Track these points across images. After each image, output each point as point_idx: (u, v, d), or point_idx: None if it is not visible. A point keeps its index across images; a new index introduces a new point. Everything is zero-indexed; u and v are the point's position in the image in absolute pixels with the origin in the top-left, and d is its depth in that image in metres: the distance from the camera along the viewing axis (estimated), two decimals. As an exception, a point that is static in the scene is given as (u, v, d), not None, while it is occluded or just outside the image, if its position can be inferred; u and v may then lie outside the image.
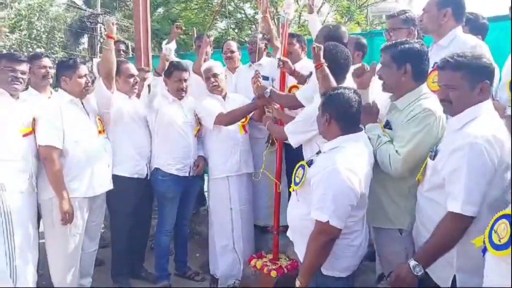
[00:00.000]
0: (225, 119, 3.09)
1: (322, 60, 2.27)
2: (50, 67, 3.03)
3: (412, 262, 1.66)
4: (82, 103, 2.84)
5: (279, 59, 2.95)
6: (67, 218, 2.58)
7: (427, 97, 1.96)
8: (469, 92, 1.66)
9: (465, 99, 1.68)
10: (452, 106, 1.72)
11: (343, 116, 1.95)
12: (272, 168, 3.21)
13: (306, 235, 1.94)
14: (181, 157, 3.14)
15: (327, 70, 2.25)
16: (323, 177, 1.86)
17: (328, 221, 1.81)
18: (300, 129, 2.47)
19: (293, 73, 2.99)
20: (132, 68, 3.14)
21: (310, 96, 2.51)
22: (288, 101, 2.85)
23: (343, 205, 1.83)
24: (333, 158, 1.88)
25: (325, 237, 1.84)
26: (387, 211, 2.04)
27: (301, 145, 2.57)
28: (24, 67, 2.63)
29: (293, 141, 2.53)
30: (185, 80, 3.16)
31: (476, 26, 2.64)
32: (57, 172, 2.58)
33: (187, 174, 3.17)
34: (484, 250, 1.42)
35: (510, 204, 1.35)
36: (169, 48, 3.11)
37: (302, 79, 3.07)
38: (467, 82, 1.66)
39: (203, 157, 3.26)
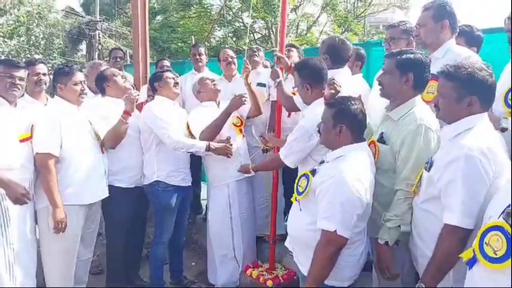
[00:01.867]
0: (205, 135, 3.04)
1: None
2: (44, 74, 3.02)
3: (418, 285, 1.64)
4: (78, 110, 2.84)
5: (276, 55, 2.98)
6: (61, 226, 2.57)
7: (420, 109, 1.98)
8: (456, 103, 1.68)
9: (451, 109, 1.70)
10: (439, 112, 1.77)
11: (357, 125, 1.98)
12: (269, 176, 3.22)
13: (308, 245, 1.93)
14: (184, 167, 3.13)
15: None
16: (330, 186, 1.85)
17: (335, 231, 1.81)
18: (295, 148, 2.43)
19: (289, 69, 2.98)
20: (115, 70, 3.15)
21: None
22: (290, 102, 2.86)
23: (351, 214, 1.83)
24: (339, 167, 1.88)
25: (333, 246, 1.83)
26: (381, 222, 2.03)
27: None
28: (22, 73, 2.62)
29: (291, 162, 2.47)
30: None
31: (472, 38, 2.67)
32: (53, 180, 2.56)
33: (189, 183, 3.17)
34: (472, 263, 1.41)
35: (499, 215, 1.35)
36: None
37: None
38: (456, 93, 1.67)
39: None
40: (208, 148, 2.96)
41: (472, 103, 1.66)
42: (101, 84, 3.09)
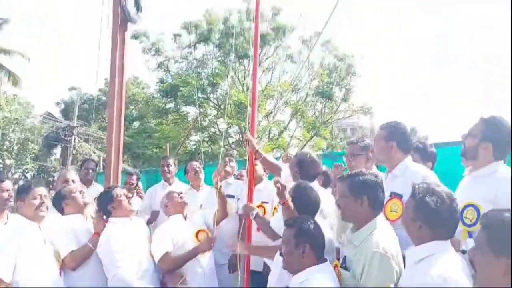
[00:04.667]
0: (166, 265, 2.89)
1: (287, 196, 2.40)
2: (12, 189, 2.93)
3: None
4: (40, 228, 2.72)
5: (245, 135, 3.04)
6: None
7: (379, 233, 1.95)
8: (411, 223, 1.73)
9: (410, 230, 1.75)
10: None
11: (319, 244, 1.97)
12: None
13: None
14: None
15: (292, 205, 2.38)
16: None
17: None
18: None
19: (256, 153, 3.03)
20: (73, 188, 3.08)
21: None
22: (269, 230, 2.79)
23: None
24: None
25: None
26: None
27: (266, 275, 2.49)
28: None
29: None
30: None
31: (426, 154, 2.86)
32: None
33: None
34: None
35: None
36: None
37: (268, 164, 3.13)
38: (411, 215, 1.73)
39: None
40: None
41: (422, 229, 1.69)
42: (59, 203, 2.98)
